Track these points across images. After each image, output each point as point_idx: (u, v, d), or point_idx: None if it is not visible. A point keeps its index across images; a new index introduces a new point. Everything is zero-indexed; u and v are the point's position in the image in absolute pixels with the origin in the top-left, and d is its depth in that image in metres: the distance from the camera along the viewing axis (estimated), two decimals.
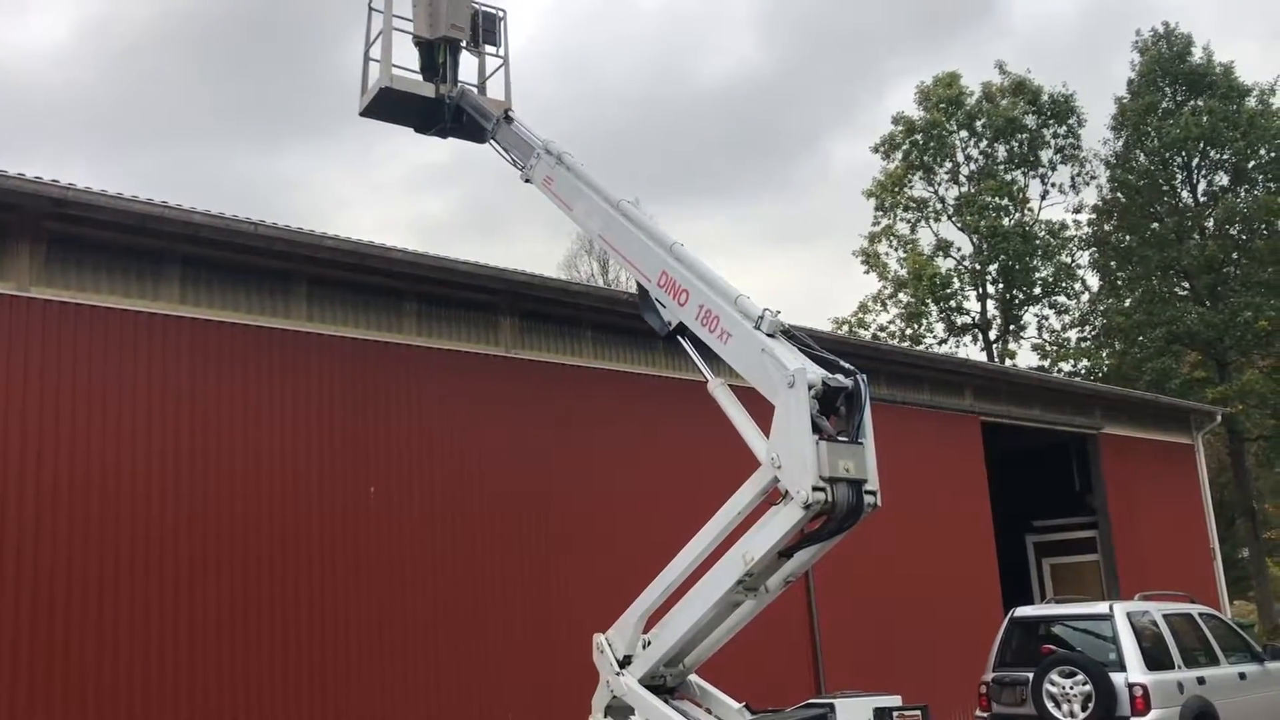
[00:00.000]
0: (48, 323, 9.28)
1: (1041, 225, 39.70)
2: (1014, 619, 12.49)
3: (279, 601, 10.04)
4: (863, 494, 6.79)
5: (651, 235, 8.36)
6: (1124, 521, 20.61)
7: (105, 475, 9.29)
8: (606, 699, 7.74)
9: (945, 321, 39.60)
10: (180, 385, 9.86)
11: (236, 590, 9.82)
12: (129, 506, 9.37)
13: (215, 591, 9.69)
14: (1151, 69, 36.31)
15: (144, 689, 9.13)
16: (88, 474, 9.20)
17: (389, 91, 10.93)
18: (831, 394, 6.87)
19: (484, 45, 11.48)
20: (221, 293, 10.32)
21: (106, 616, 9.06)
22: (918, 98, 39.49)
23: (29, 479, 8.93)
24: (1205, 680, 11.73)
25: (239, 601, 9.81)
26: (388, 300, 11.45)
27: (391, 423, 11.16)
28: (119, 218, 9.59)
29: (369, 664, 10.44)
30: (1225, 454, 36.71)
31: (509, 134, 10.37)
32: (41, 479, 8.97)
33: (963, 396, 18.21)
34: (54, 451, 9.08)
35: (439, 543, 11.21)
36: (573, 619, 11.27)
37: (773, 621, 9.40)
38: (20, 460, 8.92)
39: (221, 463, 9.96)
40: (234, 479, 10.01)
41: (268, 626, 9.91)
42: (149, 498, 9.49)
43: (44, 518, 8.93)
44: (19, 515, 8.82)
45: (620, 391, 13.20)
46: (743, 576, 7.05)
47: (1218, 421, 25.41)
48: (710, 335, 7.63)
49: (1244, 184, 35.81)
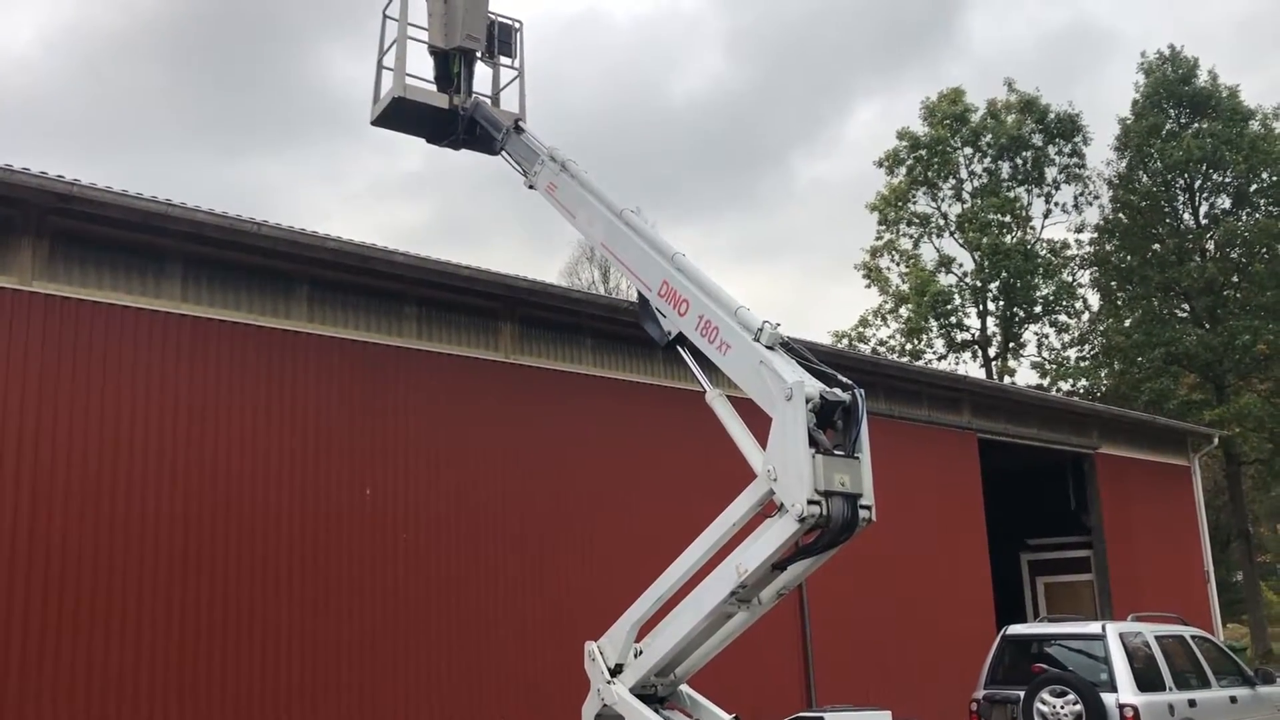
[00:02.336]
0: (49, 318, 9.30)
1: (1043, 244, 39.83)
2: (1006, 637, 12.49)
3: (272, 599, 10.04)
4: (858, 508, 6.78)
5: (653, 244, 8.37)
6: (1119, 542, 20.62)
7: (102, 470, 9.30)
8: (597, 707, 7.73)
9: (945, 338, 39.67)
10: (180, 383, 9.87)
11: (230, 587, 9.82)
12: (124, 502, 9.38)
13: (209, 588, 9.69)
14: (1156, 91, 36.42)
15: (134, 686, 9.12)
16: (84, 468, 9.21)
17: (402, 101, 10.78)
18: (829, 408, 6.88)
19: (499, 56, 11.35)
20: (223, 292, 10.34)
21: (99, 611, 9.06)
22: (923, 113, 39.63)
23: (25, 472, 8.94)
24: (1196, 703, 11.73)
25: (231, 598, 9.81)
26: (389, 303, 11.47)
27: (389, 425, 11.17)
28: (123, 215, 9.62)
29: (361, 663, 10.43)
30: (1221, 476, 36.75)
31: (518, 144, 10.26)
32: (39, 473, 8.99)
33: (960, 413, 18.23)
34: (51, 445, 9.09)
35: (434, 545, 11.22)
36: (567, 622, 11.30)
37: (765, 634, 9.40)
38: (17, 453, 8.93)
39: (218, 460, 9.98)
40: (230, 477, 10.02)
41: (260, 624, 9.91)
42: (145, 494, 9.50)
43: (39, 512, 8.94)
44: (15, 507, 8.82)
45: (619, 400, 13.22)
46: (736, 588, 7.04)
47: (1215, 444, 25.45)
48: (709, 346, 7.64)
49: (1245, 207, 35.92)
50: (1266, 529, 51.30)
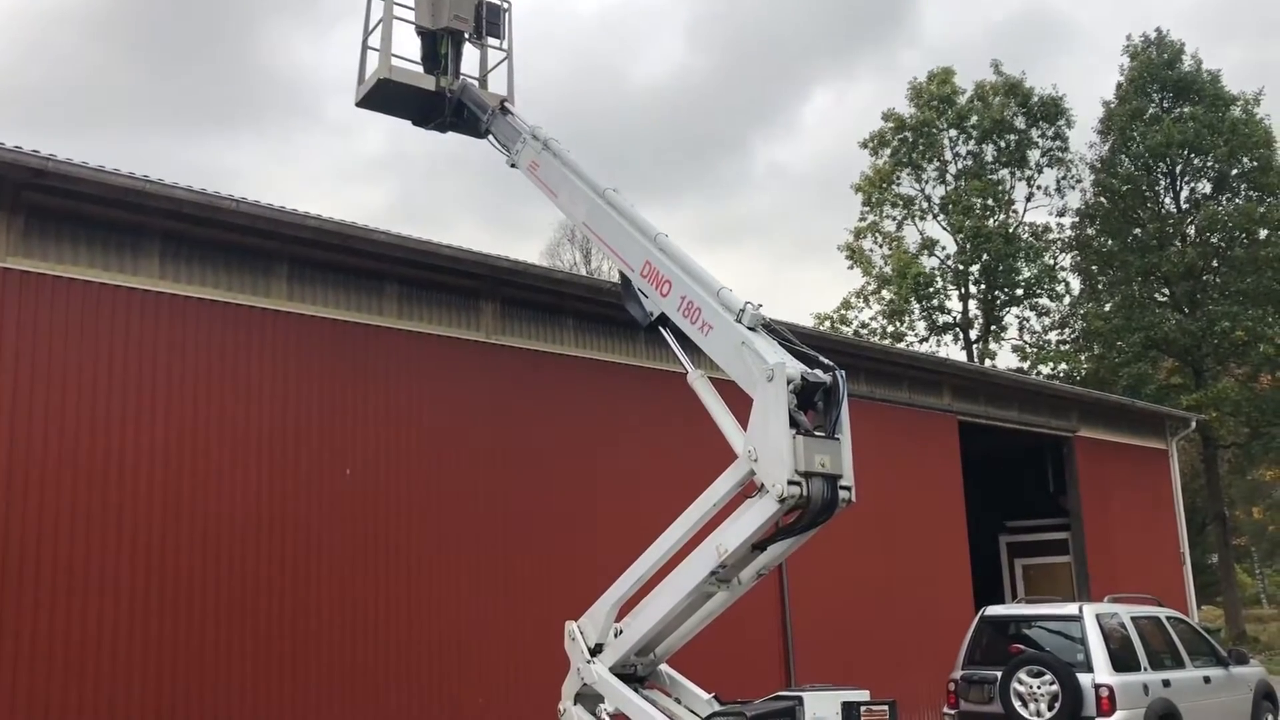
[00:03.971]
0: (24, 294, 9.19)
1: (1025, 227, 39.96)
2: (984, 618, 12.57)
3: (250, 576, 9.99)
4: (838, 489, 6.81)
5: (636, 224, 8.34)
6: (1096, 524, 20.78)
7: (78, 448, 9.21)
8: (577, 686, 7.75)
9: (927, 320, 39.78)
10: (157, 361, 9.79)
11: (209, 564, 9.77)
12: (101, 481, 9.30)
13: (186, 564, 9.64)
14: (1141, 74, 36.47)
15: (111, 665, 9.08)
16: (60, 447, 9.13)
17: (387, 83, 10.62)
18: (810, 389, 6.89)
19: (487, 38, 11.18)
20: (201, 270, 10.25)
21: (76, 588, 9.00)
22: (910, 94, 39.61)
23: (0, 448, 8.85)
24: (1170, 683, 11.85)
25: (210, 575, 9.76)
26: (369, 282, 11.39)
27: (369, 405, 11.12)
28: (100, 190, 9.50)
29: (339, 642, 10.42)
30: (1199, 460, 37.06)
31: (503, 125, 10.16)
32: (14, 451, 8.90)
33: (941, 396, 18.30)
34: (27, 423, 9.00)
35: (413, 524, 11.19)
36: (544, 603, 11.29)
37: (744, 614, 9.44)
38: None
39: (197, 439, 9.91)
40: (209, 455, 9.95)
41: (238, 601, 9.87)
42: (121, 472, 9.43)
43: (15, 490, 8.86)
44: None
45: (600, 380, 13.20)
46: (716, 568, 7.06)
47: (1192, 428, 25.64)
48: (691, 327, 7.63)
49: (1226, 192, 36.07)
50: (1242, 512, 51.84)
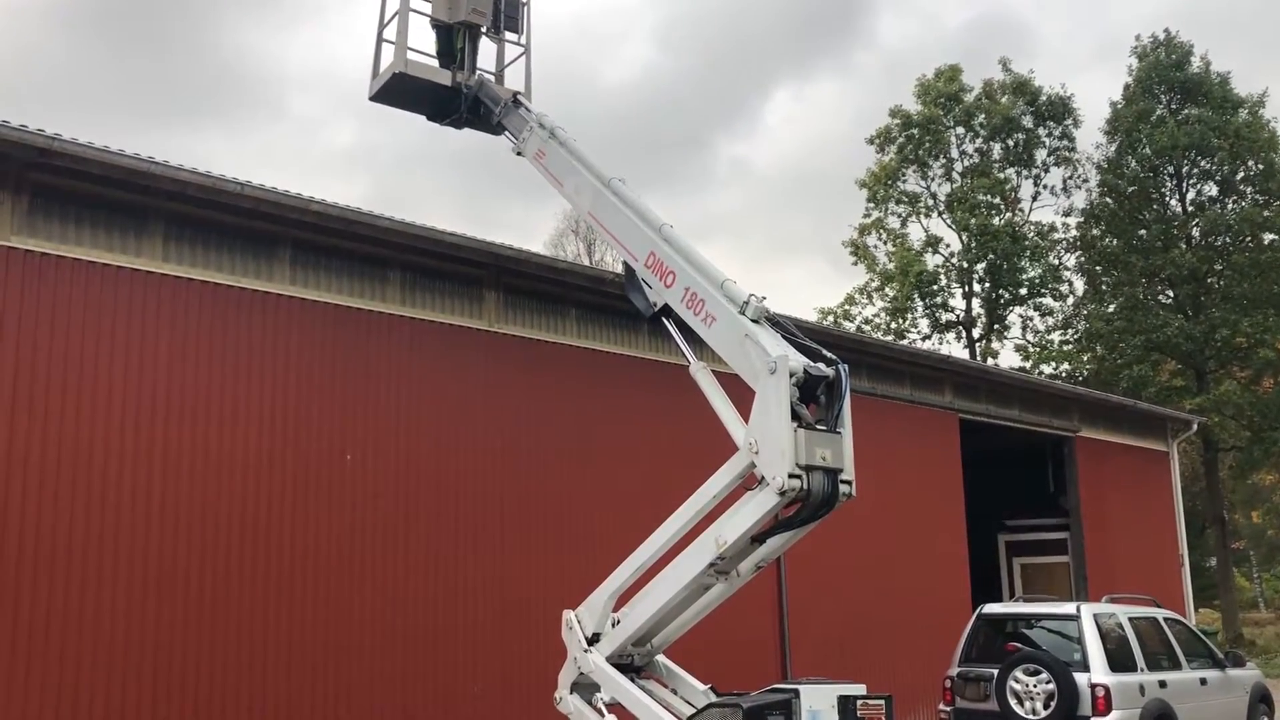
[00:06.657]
0: (28, 274, 9.17)
1: (1031, 226, 39.86)
2: (981, 616, 12.58)
3: (249, 562, 10.00)
4: (838, 483, 6.80)
5: (641, 215, 8.31)
6: (1095, 525, 20.77)
7: (80, 430, 9.21)
8: (573, 675, 7.76)
9: (930, 318, 39.74)
10: (159, 343, 9.78)
11: (207, 548, 9.77)
12: (101, 463, 9.30)
13: (185, 543, 9.64)
14: (1148, 75, 36.34)
15: (108, 654, 9.08)
16: (61, 427, 9.12)
17: (403, 77, 10.49)
18: (812, 382, 6.87)
19: (504, 32, 11.04)
20: (205, 252, 10.24)
21: (75, 573, 9.00)
22: (917, 91, 39.50)
23: (1, 431, 8.85)
24: (1166, 684, 11.87)
25: (209, 560, 9.77)
26: (372, 268, 11.38)
27: (370, 391, 11.11)
28: (105, 171, 9.48)
29: (337, 628, 10.43)
30: (1199, 462, 37.02)
31: (514, 116, 10.08)
32: (15, 431, 8.90)
33: (943, 393, 18.28)
34: (29, 404, 9.00)
35: (412, 511, 11.19)
36: (544, 593, 11.30)
37: (742, 606, 9.44)
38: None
39: (198, 422, 9.90)
40: (210, 438, 9.95)
41: (236, 587, 9.87)
42: (122, 454, 9.42)
43: (15, 471, 8.86)
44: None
45: (603, 371, 13.19)
46: (715, 560, 7.06)
47: (1193, 429, 25.59)
48: (695, 318, 7.61)
49: (1231, 195, 35.96)
50: (1241, 516, 51.80)
